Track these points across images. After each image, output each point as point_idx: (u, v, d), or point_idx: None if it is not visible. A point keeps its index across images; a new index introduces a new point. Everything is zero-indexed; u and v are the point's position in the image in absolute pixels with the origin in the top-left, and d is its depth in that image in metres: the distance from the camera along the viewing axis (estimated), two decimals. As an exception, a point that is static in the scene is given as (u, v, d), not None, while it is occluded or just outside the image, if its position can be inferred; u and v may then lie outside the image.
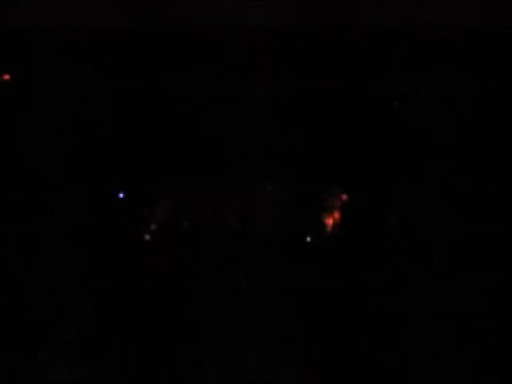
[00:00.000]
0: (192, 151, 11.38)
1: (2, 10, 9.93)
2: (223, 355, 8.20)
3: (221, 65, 10.54)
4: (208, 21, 9.94)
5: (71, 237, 9.76)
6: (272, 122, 11.26)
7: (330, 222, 10.85)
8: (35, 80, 10.60)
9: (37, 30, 10.20)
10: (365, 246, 9.93)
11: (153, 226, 10.37)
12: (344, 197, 10.91)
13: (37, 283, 8.82)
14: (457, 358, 8.16)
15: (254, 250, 9.64)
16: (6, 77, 10.75)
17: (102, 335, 8.37)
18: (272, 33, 10.27)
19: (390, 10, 9.54)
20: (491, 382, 8.02)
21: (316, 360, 8.26)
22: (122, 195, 11.02)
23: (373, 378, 8.16)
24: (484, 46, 10.03)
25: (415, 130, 10.93)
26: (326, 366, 8.23)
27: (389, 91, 10.86)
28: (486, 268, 9.02)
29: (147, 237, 10.13)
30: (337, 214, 10.90)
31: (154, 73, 10.76)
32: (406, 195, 10.64)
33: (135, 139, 11.27)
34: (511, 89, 10.36)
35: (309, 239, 10.28)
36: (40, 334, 8.36)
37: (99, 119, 10.93)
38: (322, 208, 10.99)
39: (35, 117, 10.73)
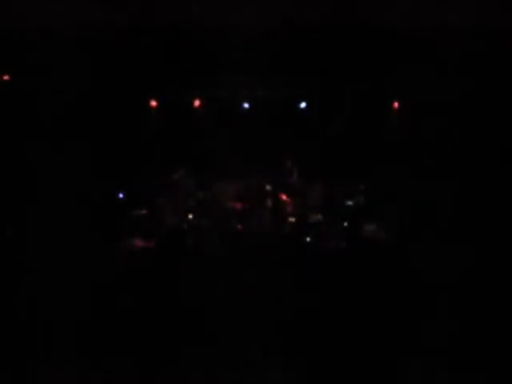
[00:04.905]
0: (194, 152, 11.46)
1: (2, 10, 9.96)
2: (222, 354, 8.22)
3: (221, 64, 10.57)
4: (209, 21, 9.95)
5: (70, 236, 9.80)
6: (271, 124, 11.34)
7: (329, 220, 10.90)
8: (35, 80, 10.64)
9: (35, 30, 10.22)
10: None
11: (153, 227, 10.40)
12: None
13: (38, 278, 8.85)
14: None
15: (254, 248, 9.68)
16: (6, 77, 10.79)
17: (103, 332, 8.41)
18: (270, 32, 10.29)
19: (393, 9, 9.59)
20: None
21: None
22: (121, 195, 11.07)
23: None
24: (484, 46, 10.09)
25: (415, 128, 11.01)
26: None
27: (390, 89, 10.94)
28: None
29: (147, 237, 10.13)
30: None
31: (154, 73, 10.80)
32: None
33: (135, 139, 11.33)
34: (510, 88, 10.43)
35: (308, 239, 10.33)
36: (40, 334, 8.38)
37: (97, 118, 10.98)
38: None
39: (35, 116, 10.77)
